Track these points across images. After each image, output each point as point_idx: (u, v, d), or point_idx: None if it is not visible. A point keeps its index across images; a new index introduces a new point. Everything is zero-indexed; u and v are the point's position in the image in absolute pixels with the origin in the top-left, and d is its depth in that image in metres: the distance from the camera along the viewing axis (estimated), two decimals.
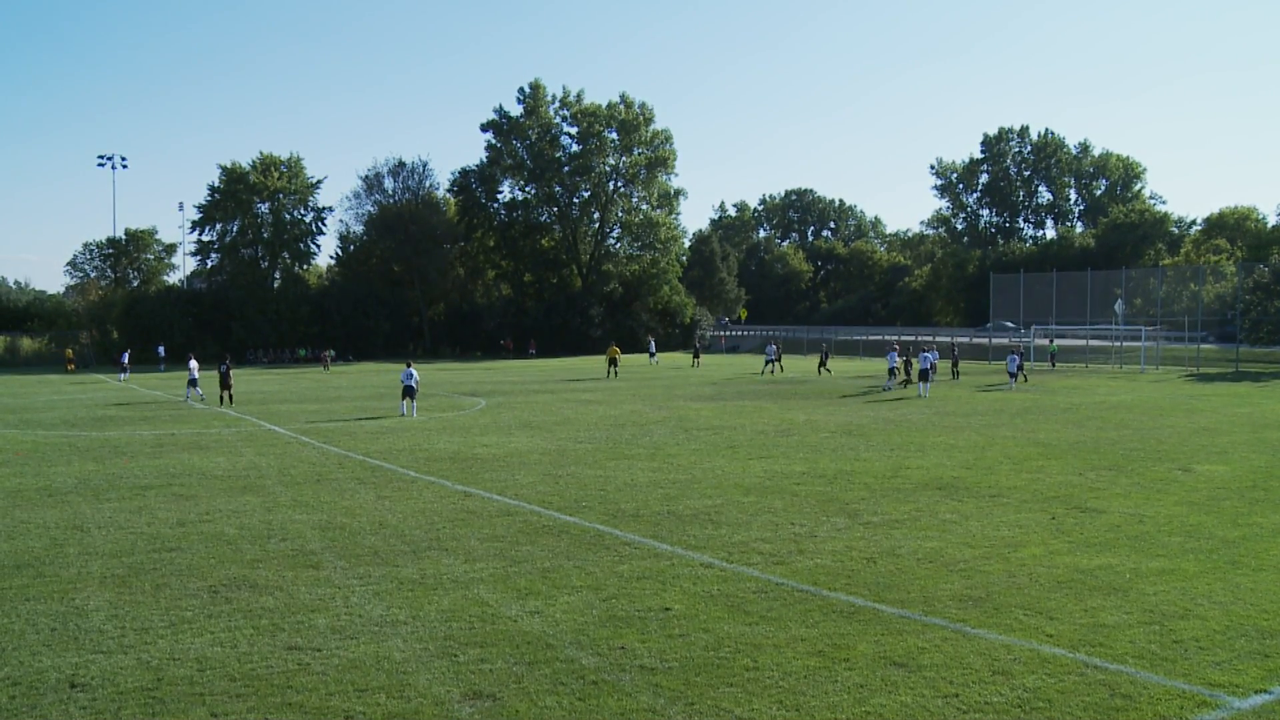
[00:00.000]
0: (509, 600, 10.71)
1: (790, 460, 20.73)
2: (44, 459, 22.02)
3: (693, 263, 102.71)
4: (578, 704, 7.93)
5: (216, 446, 23.95)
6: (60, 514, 15.67)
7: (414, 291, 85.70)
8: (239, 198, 79.05)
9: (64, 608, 10.56)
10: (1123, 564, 12.04)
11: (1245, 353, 55.70)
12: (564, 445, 23.54)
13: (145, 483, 18.63)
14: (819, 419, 28.96)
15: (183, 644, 9.36)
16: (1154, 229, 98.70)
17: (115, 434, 26.89)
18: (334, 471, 19.87)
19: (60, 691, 8.26)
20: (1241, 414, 29.66)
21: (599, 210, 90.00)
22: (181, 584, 11.44)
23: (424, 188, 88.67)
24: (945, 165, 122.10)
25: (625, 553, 12.84)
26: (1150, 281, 68.87)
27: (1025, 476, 18.49)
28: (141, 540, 13.70)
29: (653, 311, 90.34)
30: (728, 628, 9.73)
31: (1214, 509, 15.35)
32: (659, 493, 17.08)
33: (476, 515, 15.32)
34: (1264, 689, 8.14)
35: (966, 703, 7.88)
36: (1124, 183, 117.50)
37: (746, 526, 14.36)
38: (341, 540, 13.65)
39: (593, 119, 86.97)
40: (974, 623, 9.82)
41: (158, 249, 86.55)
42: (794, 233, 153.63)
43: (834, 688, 8.21)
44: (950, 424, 27.42)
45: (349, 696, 8.09)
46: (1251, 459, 20.52)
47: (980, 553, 12.65)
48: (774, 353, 53.40)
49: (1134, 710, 7.72)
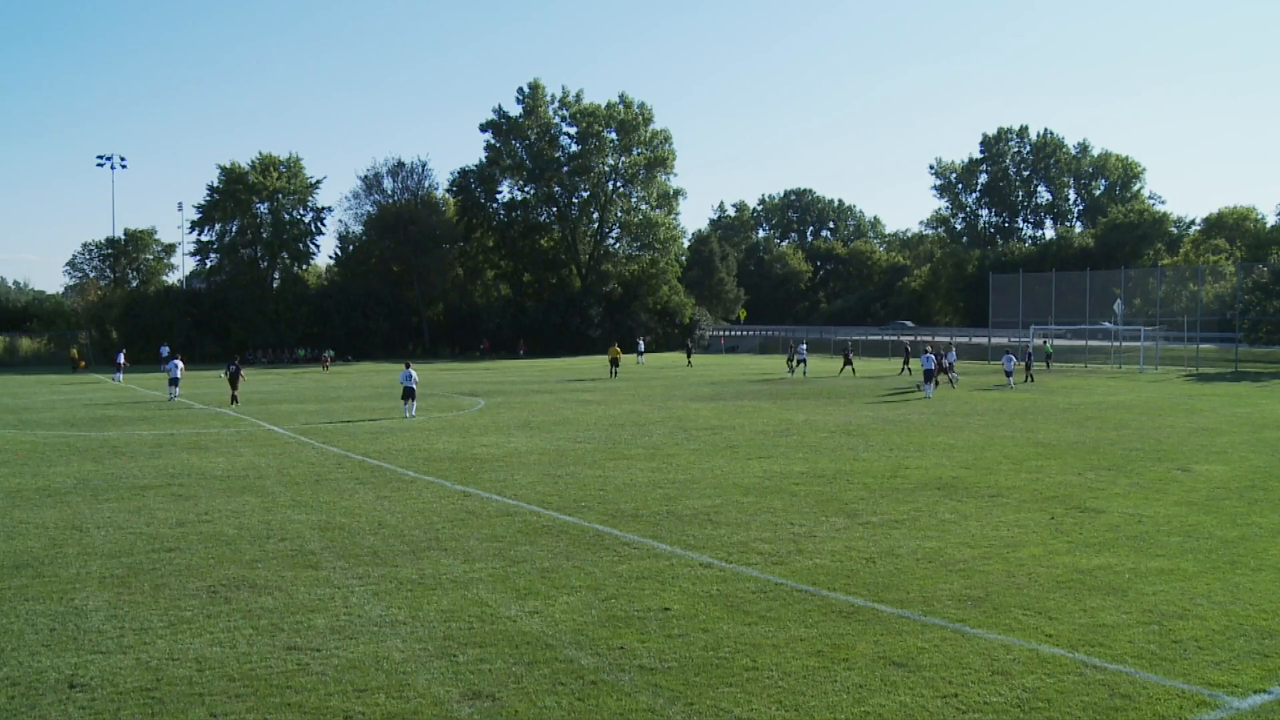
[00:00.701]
0: (508, 600, 10.71)
1: (789, 460, 20.73)
2: (43, 459, 22.01)
3: (692, 263, 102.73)
4: (577, 704, 7.93)
5: (216, 446, 23.95)
6: (59, 514, 15.67)
7: (413, 292, 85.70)
8: (238, 198, 79.05)
9: (63, 608, 10.56)
10: (1122, 564, 12.04)
11: (1244, 353, 55.74)
12: (563, 445, 23.54)
13: (144, 483, 18.62)
14: (818, 419, 28.96)
15: (182, 644, 9.36)
16: (1153, 229, 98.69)
17: (114, 434, 26.88)
18: (333, 471, 19.87)
19: (59, 692, 8.25)
20: (1241, 414, 29.66)
21: (598, 210, 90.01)
22: (180, 584, 11.43)
23: (423, 188, 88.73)
24: (944, 165, 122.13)
25: (624, 553, 12.84)
26: (1149, 281, 68.91)
27: (1024, 476, 18.49)
28: (140, 540, 13.70)
29: (652, 312, 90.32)
30: (727, 628, 9.73)
31: (1213, 509, 15.36)
32: (658, 493, 17.08)
33: (476, 515, 15.32)
34: (1263, 689, 8.14)
35: (966, 703, 7.88)
36: (1123, 182, 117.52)
37: (746, 526, 14.36)
38: (341, 540, 13.64)
39: (592, 119, 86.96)
40: (973, 623, 9.81)
41: (157, 249, 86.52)
42: (793, 233, 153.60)
43: (833, 688, 8.21)
44: (949, 424, 27.42)
45: (348, 696, 8.09)
46: (1251, 459, 20.53)
47: (979, 553, 12.66)
48: (804, 352, 54.34)
49: (1133, 710, 7.72)
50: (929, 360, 37.64)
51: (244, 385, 37.56)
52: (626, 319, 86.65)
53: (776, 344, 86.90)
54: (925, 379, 37.57)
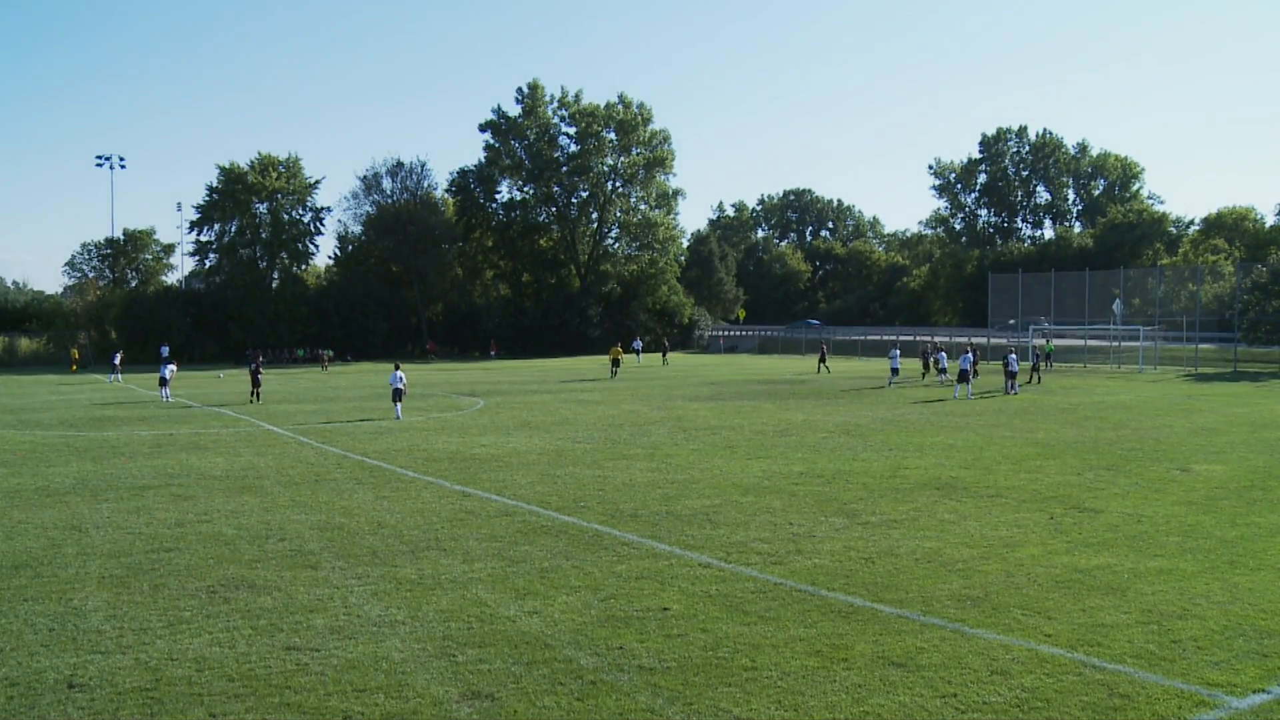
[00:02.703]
0: (507, 600, 10.71)
1: (788, 460, 20.73)
2: (42, 459, 22.00)
3: (691, 263, 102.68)
4: (576, 704, 7.93)
5: (215, 447, 23.94)
6: (58, 514, 15.66)
7: (412, 292, 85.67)
8: (237, 198, 79.00)
9: (62, 608, 10.55)
10: (1121, 564, 12.04)
11: (1243, 352, 55.72)
12: (562, 445, 23.53)
13: (143, 483, 18.62)
14: (817, 419, 28.96)
15: (181, 644, 9.36)
16: (1152, 229, 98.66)
17: (113, 434, 26.87)
18: (332, 472, 19.86)
19: (58, 692, 8.25)
20: (1240, 414, 29.67)
21: (597, 210, 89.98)
22: (180, 584, 11.43)
23: (422, 188, 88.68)
24: (943, 165, 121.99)
25: (623, 553, 12.84)
26: (1149, 281, 68.89)
27: (1024, 476, 18.50)
28: (140, 540, 13.70)
29: (651, 312, 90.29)
30: (726, 628, 9.73)
31: (1212, 509, 15.36)
32: (657, 493, 17.08)
33: (475, 515, 15.31)
34: (1262, 688, 8.14)
35: (965, 702, 7.88)
36: (1122, 182, 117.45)
37: (745, 526, 14.36)
38: (340, 540, 13.64)
39: (591, 119, 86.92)
40: (972, 622, 9.82)
41: (156, 249, 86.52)
42: (792, 233, 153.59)
43: (832, 687, 8.21)
44: (949, 424, 27.42)
45: (347, 697, 8.09)
46: (1250, 459, 20.53)
47: (978, 553, 12.66)
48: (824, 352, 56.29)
49: (1132, 710, 7.72)
50: (967, 360, 36.38)
51: (236, 385, 37.52)
52: (626, 319, 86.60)
53: (776, 344, 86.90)
54: (960, 378, 36.40)
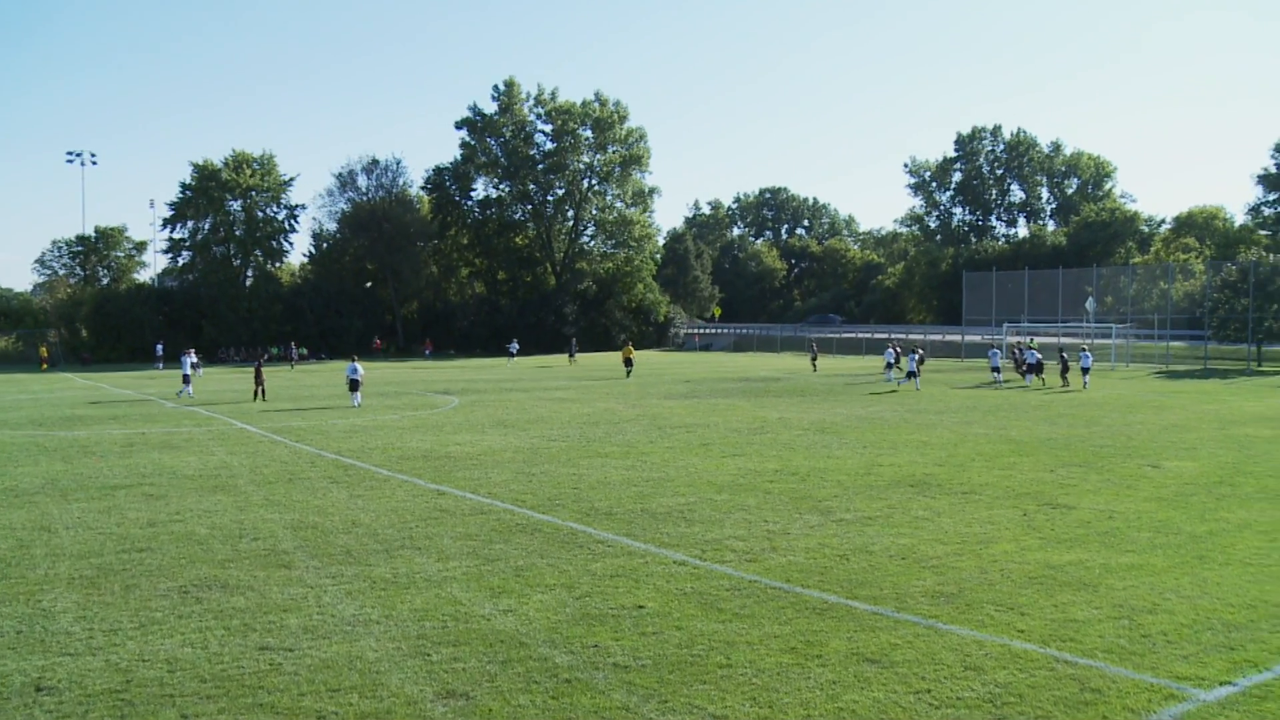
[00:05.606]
0: (482, 599, 10.68)
1: (763, 458, 20.78)
2: (10, 459, 21.73)
3: (667, 261, 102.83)
4: (551, 702, 7.92)
5: (187, 445, 23.74)
6: (27, 515, 15.48)
7: (387, 289, 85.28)
8: (211, 195, 78.40)
9: (30, 610, 10.43)
10: (1093, 559, 12.15)
11: (1213, 350, 56.37)
12: (537, 443, 23.49)
13: (115, 482, 18.43)
14: (792, 416, 29.05)
15: (152, 645, 9.27)
16: (1124, 228, 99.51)
17: (84, 433, 26.59)
18: (306, 470, 19.74)
19: (26, 695, 8.15)
20: (1210, 411, 30.00)
21: (573, 208, 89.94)
22: (151, 584, 11.32)
23: (398, 185, 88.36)
24: (919, 164, 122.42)
25: (598, 551, 12.83)
26: (1121, 279, 69.51)
27: (997, 473, 18.62)
28: (110, 541, 13.56)
29: (627, 309, 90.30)
30: (701, 625, 9.74)
31: (1182, 505, 15.52)
32: (632, 491, 17.08)
33: (449, 514, 15.26)
34: (1229, 681, 8.24)
35: (938, 698, 7.93)
36: (1095, 181, 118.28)
37: (719, 524, 14.38)
38: (314, 539, 13.56)
39: (567, 117, 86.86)
40: (946, 619, 9.88)
41: (128, 247, 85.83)
42: (768, 231, 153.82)
43: (807, 684, 8.24)
44: (923, 421, 27.58)
45: (321, 697, 8.04)
46: (1219, 455, 20.76)
47: (952, 549, 12.73)
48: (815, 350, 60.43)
49: (1103, 704, 7.79)
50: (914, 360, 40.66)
51: (199, 384, 37.25)
52: (601, 317, 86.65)
53: (750, 342, 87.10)
54: (907, 376, 40.90)
